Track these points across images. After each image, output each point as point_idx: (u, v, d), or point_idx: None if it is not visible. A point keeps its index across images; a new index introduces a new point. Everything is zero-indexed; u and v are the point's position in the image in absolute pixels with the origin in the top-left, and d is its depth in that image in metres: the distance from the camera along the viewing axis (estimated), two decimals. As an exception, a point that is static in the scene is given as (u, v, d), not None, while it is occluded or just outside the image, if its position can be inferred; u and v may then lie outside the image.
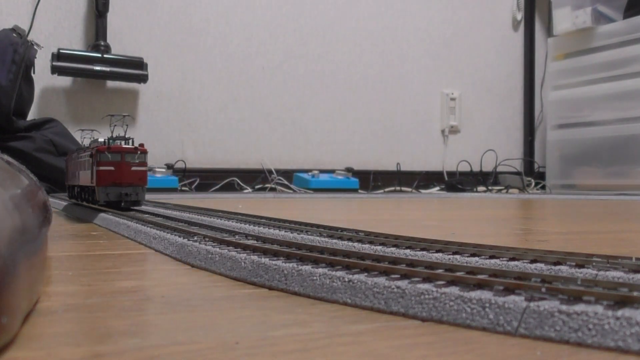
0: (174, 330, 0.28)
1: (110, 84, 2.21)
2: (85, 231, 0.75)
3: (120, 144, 0.87)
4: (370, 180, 2.51)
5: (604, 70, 2.47)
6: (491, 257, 0.43)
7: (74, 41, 2.15)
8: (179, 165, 2.23)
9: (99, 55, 2.10)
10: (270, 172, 2.36)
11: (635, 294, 0.28)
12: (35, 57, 1.84)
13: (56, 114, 2.06)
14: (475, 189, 2.53)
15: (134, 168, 0.85)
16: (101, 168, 0.84)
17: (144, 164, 0.86)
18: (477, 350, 0.26)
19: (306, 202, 1.63)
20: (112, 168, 0.84)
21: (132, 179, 0.85)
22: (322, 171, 2.34)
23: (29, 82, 1.85)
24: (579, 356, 0.25)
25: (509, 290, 0.30)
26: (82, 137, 1.14)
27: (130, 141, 0.89)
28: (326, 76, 2.57)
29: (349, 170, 2.37)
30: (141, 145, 0.87)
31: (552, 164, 2.71)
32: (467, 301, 0.29)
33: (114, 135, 0.89)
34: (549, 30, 2.99)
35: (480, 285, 0.31)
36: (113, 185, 0.84)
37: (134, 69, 2.15)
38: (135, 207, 0.87)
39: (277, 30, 2.49)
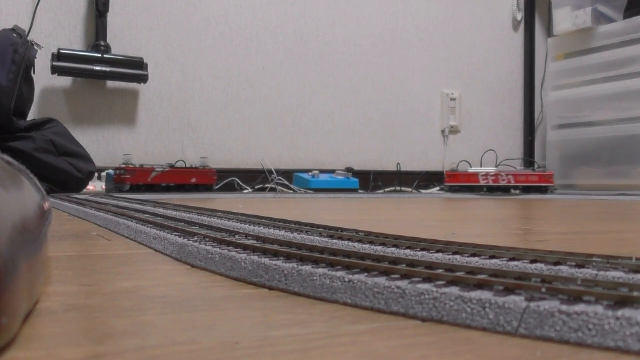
0: (174, 330, 0.28)
1: (110, 84, 2.21)
2: (85, 231, 0.75)
3: None
4: (370, 180, 2.51)
5: (604, 70, 2.47)
6: (491, 257, 0.43)
7: (74, 41, 2.15)
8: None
9: (99, 55, 2.10)
10: (270, 172, 2.36)
11: (635, 294, 0.28)
12: (35, 57, 1.84)
13: (56, 114, 2.06)
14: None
15: None
16: None
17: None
18: (477, 350, 0.26)
19: (306, 202, 1.63)
20: None
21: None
22: (322, 171, 2.34)
23: (29, 82, 1.85)
24: (579, 356, 0.25)
25: (509, 290, 0.30)
26: None
27: None
28: (326, 76, 2.57)
29: (349, 170, 2.37)
30: None
31: (552, 164, 2.71)
32: (467, 301, 0.29)
33: None
34: (549, 30, 2.99)
35: (480, 285, 0.31)
36: None
37: (134, 69, 2.15)
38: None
39: (277, 30, 2.48)
